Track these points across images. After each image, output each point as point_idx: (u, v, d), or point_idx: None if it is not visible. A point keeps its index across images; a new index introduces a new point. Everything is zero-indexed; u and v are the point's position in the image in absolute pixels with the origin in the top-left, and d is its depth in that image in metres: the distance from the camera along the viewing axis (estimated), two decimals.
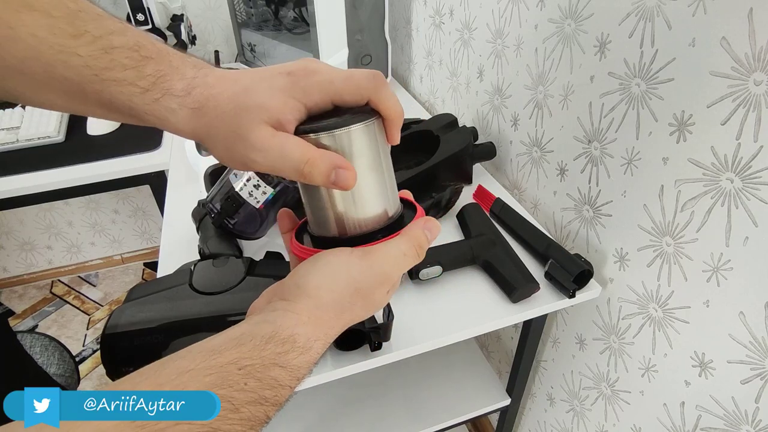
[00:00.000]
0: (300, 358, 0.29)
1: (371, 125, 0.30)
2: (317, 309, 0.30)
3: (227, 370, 0.25)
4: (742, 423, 0.52)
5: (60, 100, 0.30)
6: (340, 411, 0.88)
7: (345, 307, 0.31)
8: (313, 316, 0.30)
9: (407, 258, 0.32)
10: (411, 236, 0.32)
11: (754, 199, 0.45)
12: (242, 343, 0.27)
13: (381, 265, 0.31)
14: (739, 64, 0.44)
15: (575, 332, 0.78)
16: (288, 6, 1.23)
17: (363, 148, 0.30)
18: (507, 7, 0.78)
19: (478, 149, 0.85)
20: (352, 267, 0.30)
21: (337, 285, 0.30)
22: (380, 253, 0.31)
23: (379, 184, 0.32)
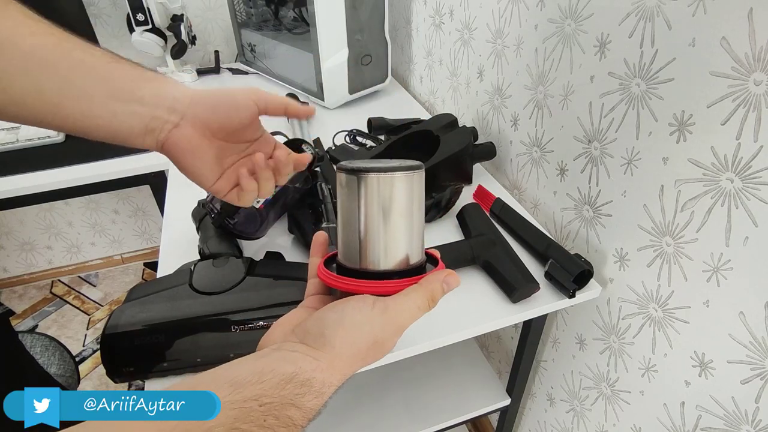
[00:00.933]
0: (314, 401, 0.31)
1: (412, 176, 0.33)
2: (337, 359, 0.32)
3: (249, 406, 0.27)
4: (742, 423, 0.52)
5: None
6: (340, 411, 0.88)
7: (361, 357, 0.33)
8: (332, 365, 0.32)
9: (420, 310, 0.34)
10: (427, 289, 0.34)
11: (754, 199, 0.45)
12: (264, 380, 0.29)
13: (398, 319, 0.33)
14: (739, 64, 0.44)
15: (575, 332, 0.78)
16: (288, 6, 1.23)
17: (400, 194, 0.33)
18: (507, 7, 0.78)
19: (478, 149, 0.85)
20: (374, 323, 0.33)
21: (358, 340, 0.33)
22: (399, 308, 0.33)
23: (407, 230, 0.34)
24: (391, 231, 0.34)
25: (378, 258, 0.34)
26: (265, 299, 0.53)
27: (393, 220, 0.34)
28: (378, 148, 0.89)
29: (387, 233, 0.34)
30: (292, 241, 0.72)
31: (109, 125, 0.39)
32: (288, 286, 0.55)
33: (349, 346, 0.33)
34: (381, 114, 1.02)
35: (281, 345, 0.33)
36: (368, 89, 1.19)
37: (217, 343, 0.51)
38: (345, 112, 1.15)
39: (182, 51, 1.29)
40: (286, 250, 0.68)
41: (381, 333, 0.33)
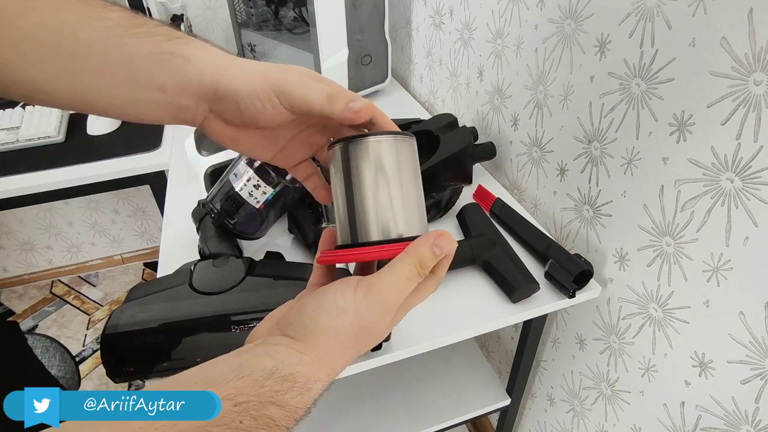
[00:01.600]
0: (298, 398, 0.28)
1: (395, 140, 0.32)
2: (322, 351, 0.29)
3: (223, 406, 0.25)
4: (742, 423, 0.52)
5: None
6: (340, 411, 0.87)
7: (349, 346, 0.30)
8: (317, 357, 0.29)
9: (410, 280, 0.31)
10: (413, 255, 0.30)
11: (754, 199, 0.45)
12: (241, 376, 0.26)
13: (385, 296, 0.30)
14: (739, 64, 0.44)
15: (575, 332, 0.78)
16: (288, 6, 1.23)
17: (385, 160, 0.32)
18: (507, 7, 0.78)
19: (478, 149, 0.85)
20: (359, 306, 0.30)
21: (343, 327, 0.30)
22: (383, 284, 0.30)
23: (397, 198, 0.32)
24: (380, 197, 0.32)
25: (366, 228, 0.31)
26: (265, 299, 0.53)
27: (380, 186, 0.31)
28: None
29: (375, 200, 0.32)
30: (292, 241, 0.72)
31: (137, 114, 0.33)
32: (288, 286, 0.55)
33: (335, 334, 0.30)
34: None
35: (265, 339, 0.31)
36: (368, 89, 1.19)
37: (217, 343, 0.51)
38: None
39: None
40: (286, 250, 0.68)
41: (368, 315, 0.30)
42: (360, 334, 0.30)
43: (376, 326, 0.31)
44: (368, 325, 0.30)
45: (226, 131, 0.35)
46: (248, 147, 0.37)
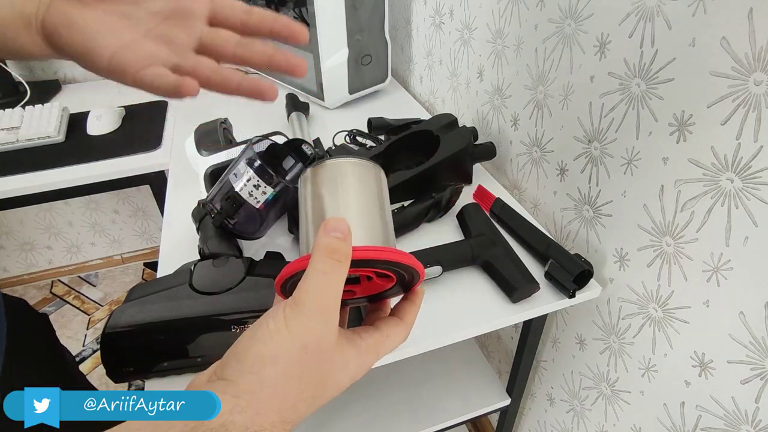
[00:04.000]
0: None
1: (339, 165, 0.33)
2: (261, 390, 0.25)
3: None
4: (742, 423, 0.52)
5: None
6: (341, 411, 0.87)
7: (294, 375, 0.25)
8: (255, 399, 0.24)
9: (328, 275, 0.26)
10: (318, 248, 0.27)
11: (754, 199, 0.45)
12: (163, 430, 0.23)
13: (311, 302, 0.26)
14: (739, 64, 0.44)
15: (575, 332, 0.78)
16: (288, 6, 1.23)
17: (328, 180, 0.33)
18: (507, 7, 0.78)
19: (478, 149, 0.85)
20: (290, 322, 0.26)
21: (278, 350, 0.25)
22: (305, 289, 0.26)
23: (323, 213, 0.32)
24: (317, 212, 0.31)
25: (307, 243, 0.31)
26: (265, 299, 0.53)
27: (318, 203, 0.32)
28: (378, 148, 0.89)
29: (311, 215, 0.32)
30: (292, 241, 0.72)
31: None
32: None
33: (271, 363, 0.25)
34: (381, 114, 1.02)
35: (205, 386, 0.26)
36: (368, 89, 1.19)
37: (217, 343, 0.51)
38: (345, 112, 1.15)
39: None
40: (286, 250, 0.68)
41: (303, 330, 0.25)
42: (304, 358, 0.25)
43: (320, 342, 0.26)
44: (310, 343, 0.26)
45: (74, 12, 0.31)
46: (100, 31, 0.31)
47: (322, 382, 0.27)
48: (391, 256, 0.29)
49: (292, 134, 1.00)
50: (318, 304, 0.26)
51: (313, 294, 0.26)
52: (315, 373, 0.26)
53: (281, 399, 0.25)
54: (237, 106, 1.21)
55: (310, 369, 0.26)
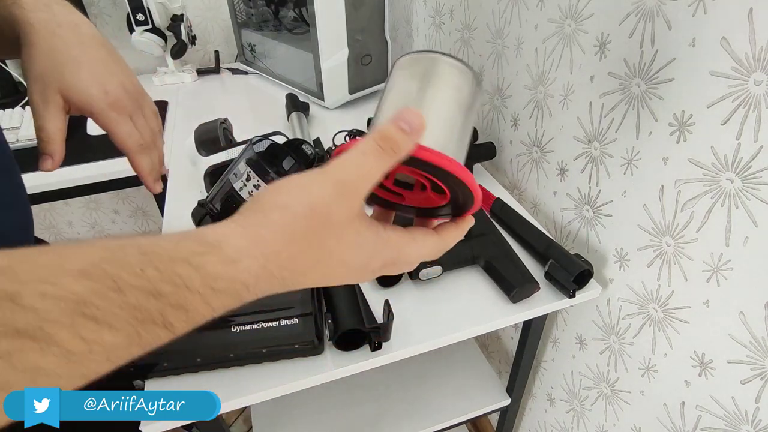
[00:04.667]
0: (219, 266, 0.23)
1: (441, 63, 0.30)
2: (262, 227, 0.25)
3: (126, 250, 0.22)
4: (742, 423, 0.52)
5: None
6: (341, 411, 0.88)
7: (297, 229, 0.25)
8: (254, 231, 0.25)
9: (367, 157, 0.26)
10: (376, 131, 0.26)
11: (754, 199, 0.45)
12: (159, 238, 0.23)
13: (338, 173, 0.26)
14: (739, 64, 0.44)
15: (575, 332, 0.78)
16: (288, 6, 1.23)
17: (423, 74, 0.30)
18: (507, 7, 0.78)
19: (478, 149, 0.85)
20: (312, 181, 0.26)
21: (290, 201, 0.25)
22: (340, 160, 0.26)
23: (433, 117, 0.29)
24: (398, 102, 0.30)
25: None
26: (265, 300, 0.53)
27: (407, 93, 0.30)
28: None
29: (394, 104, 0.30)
30: None
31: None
32: None
33: (279, 209, 0.25)
34: None
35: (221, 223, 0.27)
36: (368, 89, 1.19)
37: (217, 343, 0.51)
38: (345, 112, 1.15)
39: (182, 51, 1.29)
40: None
41: (318, 193, 0.25)
42: (310, 217, 0.25)
43: (331, 211, 0.26)
44: (319, 206, 0.25)
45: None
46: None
47: (328, 251, 0.27)
48: (453, 168, 0.27)
49: (292, 134, 1.00)
50: (341, 175, 0.26)
51: (341, 166, 0.26)
52: (320, 237, 0.26)
53: (277, 238, 0.25)
54: (237, 106, 1.22)
55: (316, 231, 0.26)
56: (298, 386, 0.53)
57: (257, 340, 0.52)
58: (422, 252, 0.31)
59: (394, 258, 0.29)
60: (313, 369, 0.54)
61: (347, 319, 0.53)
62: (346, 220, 0.26)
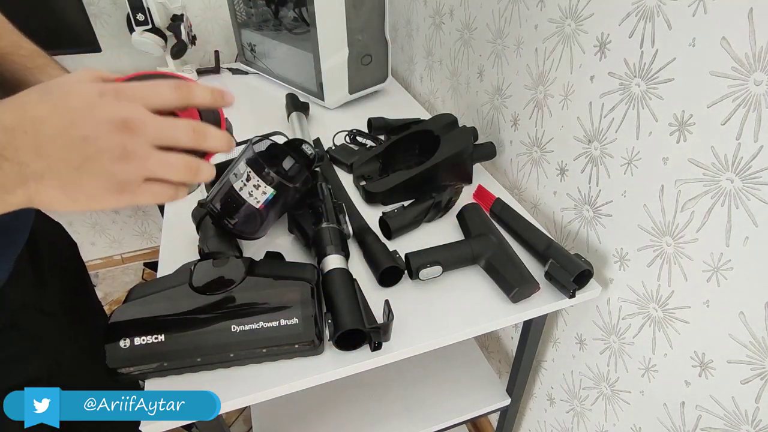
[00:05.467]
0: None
1: None
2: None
3: None
4: (742, 423, 0.52)
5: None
6: (341, 411, 0.88)
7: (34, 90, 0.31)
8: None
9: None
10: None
11: (754, 199, 0.45)
12: None
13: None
14: (739, 64, 0.44)
15: (575, 332, 0.78)
16: (288, 6, 1.23)
17: None
18: (507, 7, 0.78)
19: (478, 149, 0.85)
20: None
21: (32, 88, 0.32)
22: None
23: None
24: None
25: None
26: (265, 299, 0.53)
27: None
28: (378, 148, 0.89)
29: None
30: (292, 241, 0.72)
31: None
32: (288, 286, 0.55)
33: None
34: (381, 114, 1.02)
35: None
36: (368, 89, 1.19)
37: (217, 343, 0.51)
38: (345, 112, 1.15)
39: (182, 51, 1.29)
40: (286, 250, 0.68)
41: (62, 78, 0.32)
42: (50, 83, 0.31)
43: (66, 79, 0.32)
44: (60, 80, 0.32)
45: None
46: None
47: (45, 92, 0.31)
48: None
49: (292, 134, 1.00)
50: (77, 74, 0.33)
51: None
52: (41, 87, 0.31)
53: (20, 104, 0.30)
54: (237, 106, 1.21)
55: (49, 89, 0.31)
56: (298, 386, 0.53)
57: (257, 340, 0.52)
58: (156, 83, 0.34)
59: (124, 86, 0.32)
60: (313, 369, 0.54)
61: (347, 318, 0.53)
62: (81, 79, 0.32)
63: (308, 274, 0.57)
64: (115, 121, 0.30)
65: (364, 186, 0.79)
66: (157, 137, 0.32)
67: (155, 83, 0.33)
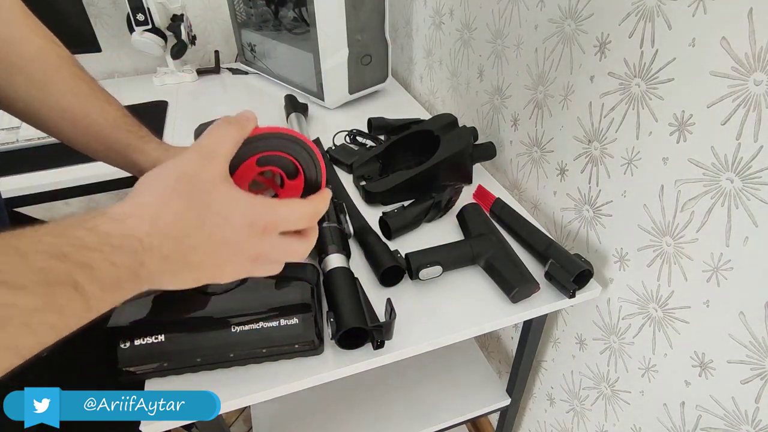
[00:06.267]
0: (110, 225, 0.26)
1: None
2: (141, 196, 0.29)
3: (21, 230, 0.24)
4: (742, 423, 0.52)
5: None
6: (341, 411, 0.88)
7: (172, 193, 0.29)
8: (135, 200, 0.29)
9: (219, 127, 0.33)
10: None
11: (754, 199, 0.45)
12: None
13: (197, 143, 0.32)
14: (739, 64, 0.44)
15: (575, 332, 0.78)
16: (288, 6, 1.23)
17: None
18: (507, 7, 0.78)
19: (478, 149, 0.85)
20: (180, 155, 0.31)
21: (162, 172, 0.30)
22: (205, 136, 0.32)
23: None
24: None
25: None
26: (265, 300, 0.53)
27: None
28: (378, 148, 0.89)
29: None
30: None
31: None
32: (288, 286, 0.55)
33: (153, 178, 0.30)
34: (381, 114, 1.02)
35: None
36: (368, 89, 1.19)
37: (217, 343, 0.51)
38: (345, 112, 1.15)
39: (182, 51, 1.29)
40: None
41: (185, 160, 0.30)
42: (181, 179, 0.30)
43: (200, 174, 0.30)
44: (186, 169, 0.30)
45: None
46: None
47: (206, 208, 0.30)
48: (287, 131, 0.35)
49: None
50: (201, 142, 0.32)
51: (200, 139, 0.32)
52: (194, 195, 0.30)
53: (160, 205, 0.29)
54: (237, 106, 1.21)
55: (189, 190, 0.30)
56: (298, 386, 0.53)
57: (257, 340, 0.52)
58: (295, 214, 0.35)
59: (272, 220, 0.33)
60: (313, 369, 0.54)
61: (350, 317, 0.53)
62: (215, 178, 0.31)
63: (308, 273, 0.57)
64: (252, 255, 0.33)
65: (364, 186, 0.79)
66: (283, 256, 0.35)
67: (298, 216, 0.35)
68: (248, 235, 0.31)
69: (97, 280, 0.25)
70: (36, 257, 0.23)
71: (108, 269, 0.25)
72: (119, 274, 0.26)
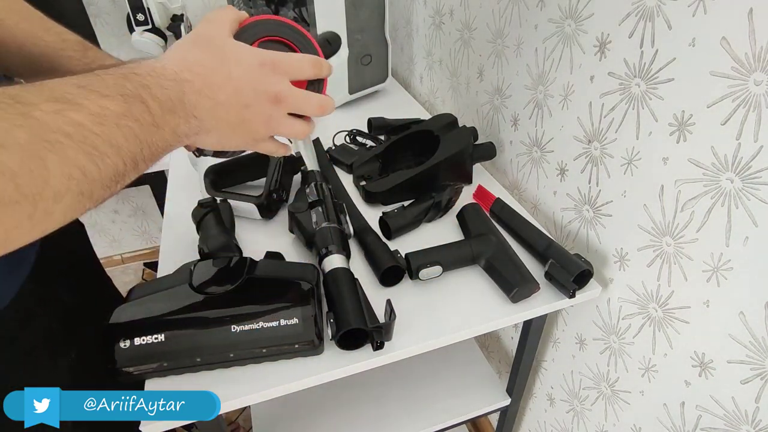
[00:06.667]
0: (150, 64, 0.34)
1: None
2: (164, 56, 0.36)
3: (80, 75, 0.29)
4: (742, 423, 0.52)
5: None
6: (341, 411, 0.88)
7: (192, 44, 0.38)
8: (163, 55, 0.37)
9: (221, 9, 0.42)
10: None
11: (754, 199, 0.45)
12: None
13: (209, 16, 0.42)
14: (739, 64, 0.44)
15: (575, 332, 0.78)
16: (288, 6, 1.23)
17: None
18: (507, 7, 0.78)
19: (478, 149, 0.85)
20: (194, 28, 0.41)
21: (184, 38, 0.39)
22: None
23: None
24: None
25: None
26: (265, 299, 0.53)
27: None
28: (378, 148, 0.89)
29: None
30: (292, 241, 0.72)
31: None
32: (288, 286, 0.55)
33: (174, 45, 0.39)
34: (381, 114, 1.02)
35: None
36: (368, 89, 1.19)
37: (217, 343, 0.51)
38: (345, 112, 1.15)
39: None
40: (286, 250, 0.68)
41: (199, 29, 0.40)
42: (196, 39, 0.39)
43: (211, 34, 0.39)
44: (202, 33, 0.39)
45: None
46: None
47: (221, 51, 0.38)
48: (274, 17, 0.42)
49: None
50: (209, 16, 0.41)
51: (207, 15, 0.42)
52: (210, 45, 0.38)
53: (184, 51, 0.38)
54: None
55: (204, 43, 0.38)
56: (298, 386, 0.53)
57: (257, 340, 0.52)
58: (297, 56, 0.42)
59: (277, 58, 0.39)
60: (313, 369, 0.54)
61: (350, 317, 0.53)
62: (224, 34, 0.40)
63: (308, 274, 0.57)
64: (270, 94, 0.39)
65: (364, 186, 0.79)
66: (293, 108, 0.41)
67: (301, 60, 0.41)
68: (260, 73, 0.38)
69: (155, 98, 0.31)
70: (107, 78, 0.29)
71: (161, 90, 0.32)
72: (170, 95, 0.33)
